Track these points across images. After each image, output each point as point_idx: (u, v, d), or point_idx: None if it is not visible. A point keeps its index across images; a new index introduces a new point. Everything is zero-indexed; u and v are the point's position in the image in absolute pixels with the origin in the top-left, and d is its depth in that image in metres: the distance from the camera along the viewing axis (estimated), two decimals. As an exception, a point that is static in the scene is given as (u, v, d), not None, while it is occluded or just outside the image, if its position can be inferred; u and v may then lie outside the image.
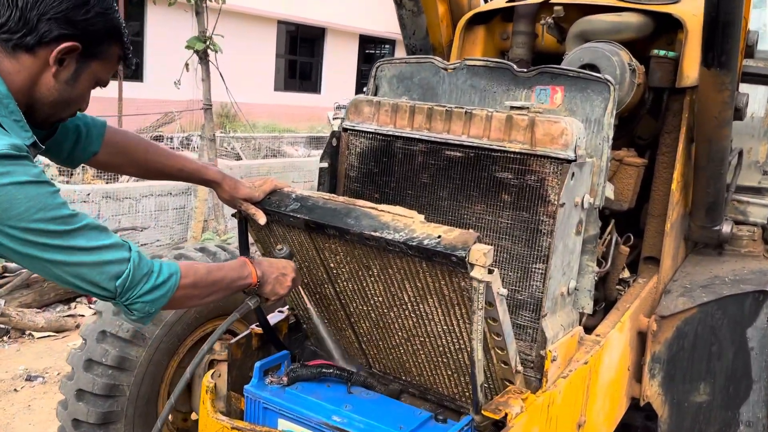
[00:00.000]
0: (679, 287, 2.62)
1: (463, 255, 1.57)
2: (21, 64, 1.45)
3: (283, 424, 1.94)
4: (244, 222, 2.12)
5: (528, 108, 1.95)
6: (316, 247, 1.99)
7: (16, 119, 1.43)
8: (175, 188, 7.94)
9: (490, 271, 1.59)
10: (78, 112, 1.68)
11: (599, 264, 2.37)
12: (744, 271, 2.71)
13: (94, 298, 6.03)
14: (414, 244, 1.66)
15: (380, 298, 1.96)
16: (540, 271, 1.91)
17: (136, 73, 15.01)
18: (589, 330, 2.29)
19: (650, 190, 2.67)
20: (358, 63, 21.31)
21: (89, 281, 1.43)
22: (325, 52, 20.16)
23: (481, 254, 1.57)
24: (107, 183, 8.25)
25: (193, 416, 2.78)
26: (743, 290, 2.54)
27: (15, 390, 4.26)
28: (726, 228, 2.82)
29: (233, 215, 2.12)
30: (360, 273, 1.94)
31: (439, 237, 1.64)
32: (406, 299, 1.89)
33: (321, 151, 2.39)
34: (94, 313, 2.70)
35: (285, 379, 2.00)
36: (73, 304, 5.74)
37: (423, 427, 1.87)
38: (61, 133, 1.76)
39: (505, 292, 1.68)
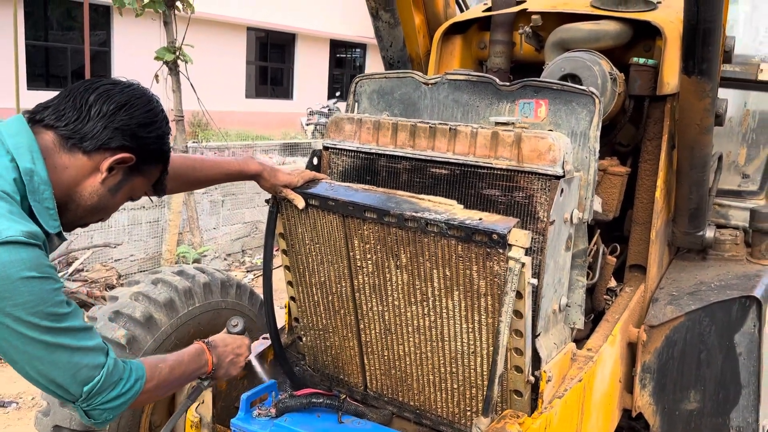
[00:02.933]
0: (666, 295, 2.61)
1: (505, 233, 1.64)
2: (73, 162, 1.48)
3: (273, 458, 1.87)
4: (276, 209, 2.15)
5: (513, 123, 1.91)
6: (346, 235, 2.00)
7: (47, 206, 1.45)
8: (147, 202, 7.79)
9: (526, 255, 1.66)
10: None
11: (587, 276, 2.35)
12: (729, 276, 2.71)
13: (87, 313, 5.90)
14: (455, 224, 1.71)
15: (400, 294, 1.96)
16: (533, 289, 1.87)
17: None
18: (578, 342, 2.26)
19: (633, 197, 2.66)
20: (329, 68, 21.23)
21: (57, 383, 1.41)
22: (296, 57, 20.03)
23: (522, 235, 1.64)
24: (77, 198, 8.06)
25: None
26: (730, 296, 2.54)
27: (-12, 418, 4.12)
28: (709, 233, 2.82)
29: (266, 201, 2.16)
30: (386, 264, 1.95)
31: (481, 219, 1.72)
32: (430, 293, 1.89)
33: (295, 158, 2.38)
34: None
35: (273, 410, 1.93)
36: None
37: (418, 456, 1.81)
38: None
39: (534, 281, 1.74)
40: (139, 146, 1.53)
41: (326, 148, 2.24)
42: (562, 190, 1.82)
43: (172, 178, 1.97)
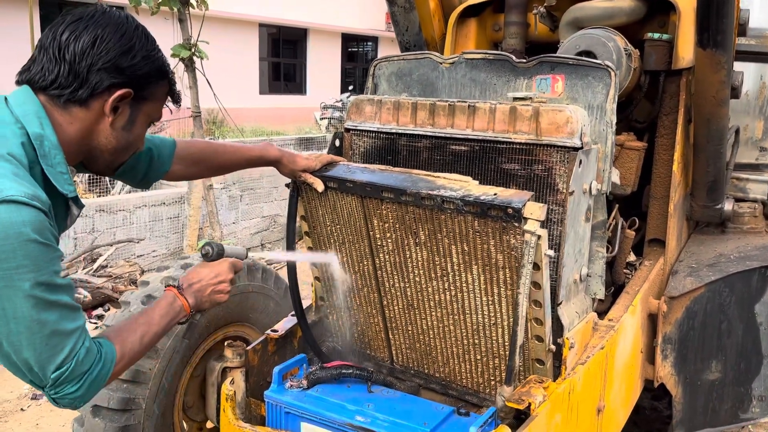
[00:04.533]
0: (686, 267, 2.64)
1: (520, 206, 1.68)
2: (74, 117, 1.46)
3: (306, 427, 1.94)
4: (296, 193, 2.21)
5: (531, 98, 1.95)
6: (365, 215, 2.05)
7: (61, 171, 1.44)
8: (168, 198, 7.91)
9: (542, 227, 1.69)
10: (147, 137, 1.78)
11: (606, 249, 2.38)
12: (748, 247, 2.74)
13: (94, 312, 5.96)
14: (471, 200, 1.75)
15: (421, 270, 2.01)
16: (553, 259, 1.92)
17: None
18: (600, 315, 2.30)
19: (651, 172, 2.68)
20: (341, 62, 21.27)
21: (29, 364, 1.36)
22: (308, 52, 20.10)
23: (536, 208, 1.68)
24: (99, 196, 8.20)
25: (209, 425, 2.78)
26: (749, 267, 2.57)
27: (21, 409, 4.23)
28: (728, 206, 2.84)
29: (286, 185, 2.22)
30: (405, 242, 2.00)
31: (495, 194, 1.75)
32: (449, 269, 1.94)
33: (310, 152, 2.44)
34: (97, 328, 2.68)
35: (305, 382, 2.00)
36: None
37: (446, 422, 1.87)
38: (132, 159, 1.77)
39: (551, 253, 1.76)
40: (130, 76, 1.48)
41: (347, 130, 2.30)
42: (580, 162, 1.86)
43: (195, 162, 2.03)
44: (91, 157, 1.54)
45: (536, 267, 1.75)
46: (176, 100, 1.66)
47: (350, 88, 19.56)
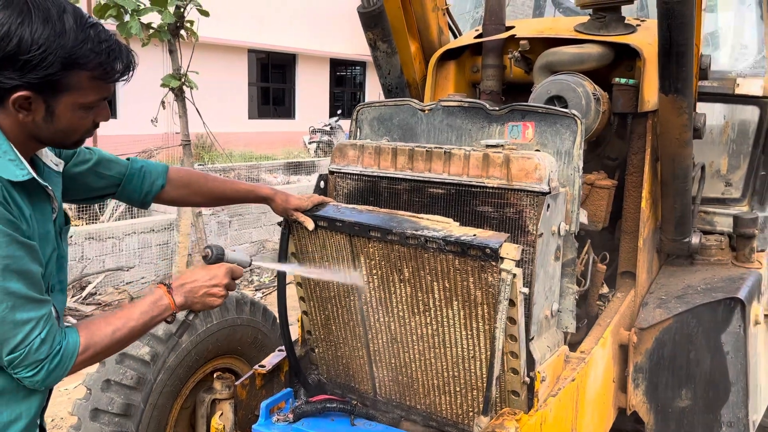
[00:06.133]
0: (656, 299, 2.77)
1: (497, 247, 1.81)
2: (1, 112, 1.46)
3: (292, 460, 2.03)
4: (287, 231, 2.33)
5: (503, 145, 2.09)
6: (353, 253, 2.17)
7: (10, 158, 1.45)
8: (158, 225, 7.99)
9: (517, 266, 1.82)
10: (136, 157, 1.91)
11: (579, 283, 2.51)
12: (714, 279, 2.87)
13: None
14: (452, 240, 1.88)
15: (405, 306, 2.13)
16: (525, 296, 2.04)
17: (109, 110, 15.01)
18: (574, 346, 2.42)
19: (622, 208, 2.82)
20: (330, 86, 21.51)
21: None
22: (296, 77, 20.33)
23: (512, 248, 1.81)
24: (89, 224, 8.26)
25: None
26: (715, 298, 2.70)
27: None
28: (695, 239, 2.98)
29: (278, 224, 2.33)
30: (390, 278, 2.11)
31: (475, 235, 1.89)
32: (431, 304, 2.06)
33: (299, 177, 2.56)
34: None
35: (291, 416, 2.09)
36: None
37: (425, 453, 1.97)
38: (128, 177, 1.94)
39: (526, 290, 1.89)
40: (23, 77, 1.40)
41: (332, 173, 2.42)
42: (548, 205, 1.99)
43: (184, 184, 2.10)
44: (40, 142, 1.54)
45: (512, 303, 1.87)
46: (111, 80, 1.54)
47: (339, 112, 19.79)
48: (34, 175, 1.49)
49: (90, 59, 1.46)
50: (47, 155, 1.66)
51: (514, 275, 1.82)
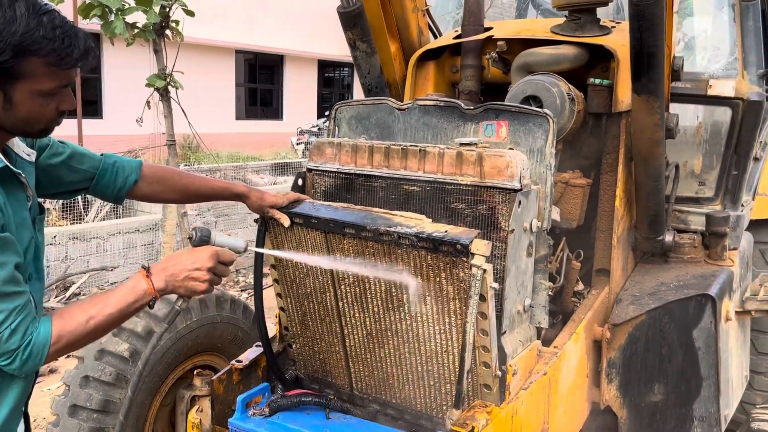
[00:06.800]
0: (629, 296, 2.82)
1: (467, 243, 1.84)
2: None
3: (267, 453, 2.06)
4: (263, 229, 2.33)
5: (476, 144, 2.13)
6: (328, 249, 2.18)
7: None
8: (143, 225, 7.97)
9: (487, 262, 1.85)
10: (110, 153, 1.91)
11: (554, 279, 2.55)
12: (687, 276, 2.93)
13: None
14: (424, 236, 1.91)
15: (379, 301, 2.15)
16: (497, 292, 2.08)
17: (94, 110, 14.96)
18: (549, 342, 2.46)
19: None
20: (318, 87, 21.53)
21: None
22: (284, 78, 20.32)
23: (482, 245, 1.84)
24: (73, 224, 8.23)
25: (178, 452, 2.86)
26: (687, 295, 2.75)
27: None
28: (669, 238, 3.04)
29: (255, 221, 2.33)
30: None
31: (446, 231, 1.91)
32: (405, 300, 2.08)
33: (287, 178, 2.58)
34: (68, 356, 2.77)
35: (266, 410, 2.12)
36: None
37: (399, 446, 2.00)
38: (101, 172, 1.94)
39: (496, 285, 1.92)
40: None
41: (310, 170, 2.45)
42: (519, 202, 2.03)
43: (158, 180, 2.11)
44: (7, 131, 1.56)
45: (482, 298, 1.90)
46: (67, 66, 1.52)
47: (327, 113, 19.79)
48: (6, 163, 1.51)
49: (43, 45, 1.46)
50: (19, 145, 1.67)
51: (484, 271, 1.86)
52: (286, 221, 2.22)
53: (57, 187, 1.90)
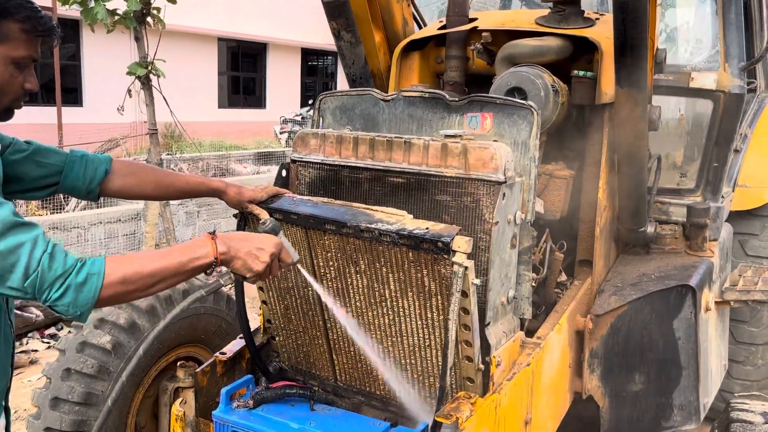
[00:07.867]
0: (611, 286, 2.85)
1: (448, 240, 1.82)
2: None
3: (251, 445, 2.06)
4: (243, 224, 2.30)
5: (461, 136, 2.12)
6: (309, 245, 2.16)
7: None
8: (124, 214, 7.89)
9: (469, 258, 1.83)
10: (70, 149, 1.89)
11: (537, 270, 2.57)
12: (668, 267, 2.96)
13: (47, 332, 5.89)
14: (405, 233, 1.89)
15: (361, 296, 2.14)
16: (480, 284, 2.08)
17: (74, 98, 14.74)
18: (532, 333, 2.48)
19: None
20: (301, 76, 21.39)
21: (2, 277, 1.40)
22: (267, 66, 20.15)
23: (463, 242, 1.82)
24: (53, 213, 8.12)
25: (161, 444, 2.85)
26: (667, 285, 2.79)
27: None
28: (650, 229, 3.07)
29: (234, 216, 2.29)
30: (347, 270, 2.12)
31: (427, 228, 1.89)
32: (387, 295, 2.07)
33: (270, 167, 2.55)
34: (50, 348, 2.75)
35: (251, 402, 2.11)
36: (25, 340, 5.65)
37: (383, 437, 2.01)
38: (69, 165, 1.91)
39: (478, 281, 1.91)
40: None
41: (294, 161, 2.43)
42: (504, 194, 2.04)
43: (131, 172, 2.06)
44: None
45: (464, 294, 1.89)
46: (40, 33, 1.62)
47: (310, 102, 19.68)
48: None
49: (19, 11, 1.58)
50: None
51: (466, 268, 1.84)
52: (265, 216, 2.17)
53: (25, 184, 1.87)
